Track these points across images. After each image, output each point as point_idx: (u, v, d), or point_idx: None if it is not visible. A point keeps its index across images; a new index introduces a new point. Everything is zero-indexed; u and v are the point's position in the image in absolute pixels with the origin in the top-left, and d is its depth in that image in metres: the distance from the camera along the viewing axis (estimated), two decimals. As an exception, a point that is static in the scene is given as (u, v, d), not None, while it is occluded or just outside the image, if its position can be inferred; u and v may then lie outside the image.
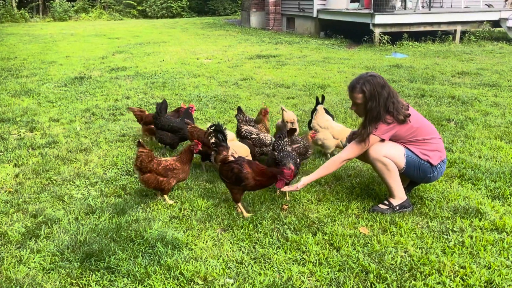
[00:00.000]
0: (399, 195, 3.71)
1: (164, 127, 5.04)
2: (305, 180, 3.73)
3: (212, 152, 3.94)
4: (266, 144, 4.61)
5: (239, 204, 3.73)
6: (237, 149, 4.32)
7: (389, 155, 3.59)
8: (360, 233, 3.44)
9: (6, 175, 4.63)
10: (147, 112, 5.57)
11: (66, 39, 16.89)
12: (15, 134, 5.95)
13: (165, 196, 3.99)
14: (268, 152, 4.56)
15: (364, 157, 3.75)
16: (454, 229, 3.46)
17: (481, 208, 3.70)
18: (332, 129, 4.81)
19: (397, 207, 3.72)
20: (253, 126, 4.89)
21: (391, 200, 3.74)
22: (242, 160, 3.74)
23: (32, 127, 6.15)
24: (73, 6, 31.45)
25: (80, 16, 30.50)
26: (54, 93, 8.19)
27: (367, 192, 4.12)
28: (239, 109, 5.06)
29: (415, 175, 3.70)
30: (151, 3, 32.30)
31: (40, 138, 5.72)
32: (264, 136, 4.68)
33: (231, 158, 3.78)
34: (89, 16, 30.82)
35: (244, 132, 4.73)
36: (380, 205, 3.77)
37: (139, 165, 3.93)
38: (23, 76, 9.73)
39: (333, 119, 5.08)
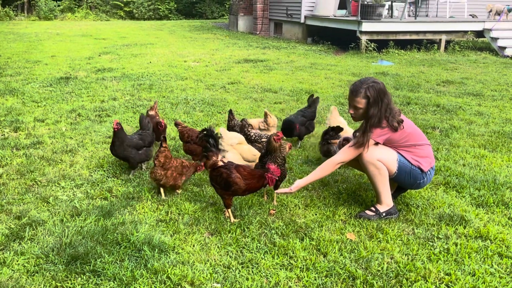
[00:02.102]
0: (386, 202, 3.75)
1: None
2: (299, 182, 3.73)
3: (202, 158, 3.93)
4: None
5: (228, 210, 3.72)
6: (244, 152, 4.34)
7: (383, 159, 3.62)
8: (347, 239, 3.46)
9: (-11, 175, 4.55)
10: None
11: (52, 39, 16.70)
12: (-2, 133, 5.85)
13: (163, 191, 4.12)
14: None
15: (355, 162, 3.78)
16: (439, 236, 3.50)
17: (465, 215, 3.76)
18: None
19: (384, 214, 3.75)
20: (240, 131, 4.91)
21: (378, 206, 3.78)
22: (231, 165, 3.74)
23: (17, 127, 6.06)
24: (59, 6, 31.16)
25: (66, 16, 30.22)
26: (39, 93, 8.09)
27: (354, 198, 4.15)
28: (230, 112, 5.05)
29: (406, 180, 3.74)
30: (138, 4, 32.17)
31: (25, 139, 5.64)
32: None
33: (221, 163, 3.77)
34: (75, 16, 30.56)
35: (254, 136, 4.75)
36: (367, 211, 3.80)
37: (163, 160, 3.98)
38: (7, 75, 9.59)
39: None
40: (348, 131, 4.86)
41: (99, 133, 5.91)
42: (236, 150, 4.39)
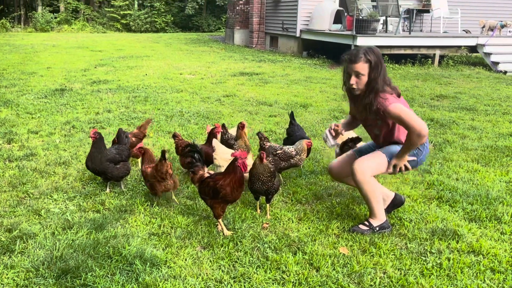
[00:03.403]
0: (380, 216, 3.75)
1: None
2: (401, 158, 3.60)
3: (190, 173, 3.96)
4: (292, 155, 4.58)
5: (220, 221, 3.72)
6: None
7: (375, 171, 3.63)
8: (340, 253, 3.45)
9: (-19, 187, 4.52)
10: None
11: (48, 50, 16.74)
12: (-9, 145, 5.83)
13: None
14: (294, 163, 4.58)
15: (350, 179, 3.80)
16: (432, 250, 3.50)
17: (458, 230, 3.76)
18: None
19: (377, 228, 3.74)
20: (233, 144, 4.89)
21: (371, 220, 3.77)
22: (216, 174, 3.79)
23: (10, 138, 6.04)
24: (55, 18, 31.30)
25: (62, 28, 30.36)
26: (34, 104, 8.08)
27: (347, 212, 4.14)
28: (223, 126, 5.07)
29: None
30: (135, 17, 32.39)
31: (18, 150, 5.62)
32: (287, 148, 4.65)
33: (207, 175, 3.82)
34: (72, 28, 30.70)
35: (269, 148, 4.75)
36: (360, 226, 3.79)
37: (171, 171, 4.11)
38: (2, 87, 9.58)
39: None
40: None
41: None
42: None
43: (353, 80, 3.58)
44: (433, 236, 3.70)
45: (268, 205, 4.08)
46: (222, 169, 4.30)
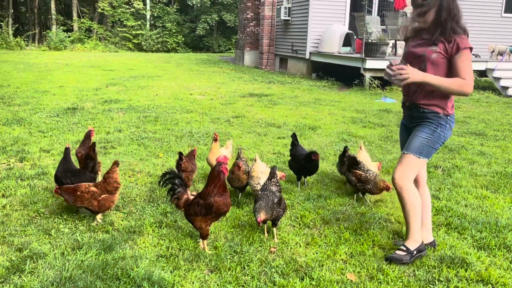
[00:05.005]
0: (415, 237, 3.65)
1: None
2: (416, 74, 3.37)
3: (173, 200, 3.95)
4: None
5: (205, 241, 3.80)
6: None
7: (413, 173, 3.66)
8: (348, 279, 3.44)
9: (-7, 205, 4.58)
10: None
11: (61, 69, 17.02)
12: (4, 163, 5.91)
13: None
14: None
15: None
16: (441, 278, 3.48)
17: (467, 258, 3.74)
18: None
19: (415, 252, 3.64)
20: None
21: (408, 243, 3.66)
22: (199, 193, 3.82)
23: (22, 157, 6.13)
24: (69, 37, 31.89)
25: (75, 47, 30.88)
26: (46, 123, 8.21)
27: (355, 237, 4.14)
28: (238, 154, 5.11)
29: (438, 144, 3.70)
30: (146, 37, 32.93)
31: (30, 169, 5.70)
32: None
33: (192, 197, 3.86)
34: (85, 47, 31.22)
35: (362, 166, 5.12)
36: (398, 252, 3.67)
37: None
38: (15, 105, 9.75)
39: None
40: (371, 165, 5.14)
41: (103, 164, 5.94)
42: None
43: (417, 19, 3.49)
44: (441, 263, 3.68)
45: (275, 229, 4.09)
46: (262, 180, 4.47)
